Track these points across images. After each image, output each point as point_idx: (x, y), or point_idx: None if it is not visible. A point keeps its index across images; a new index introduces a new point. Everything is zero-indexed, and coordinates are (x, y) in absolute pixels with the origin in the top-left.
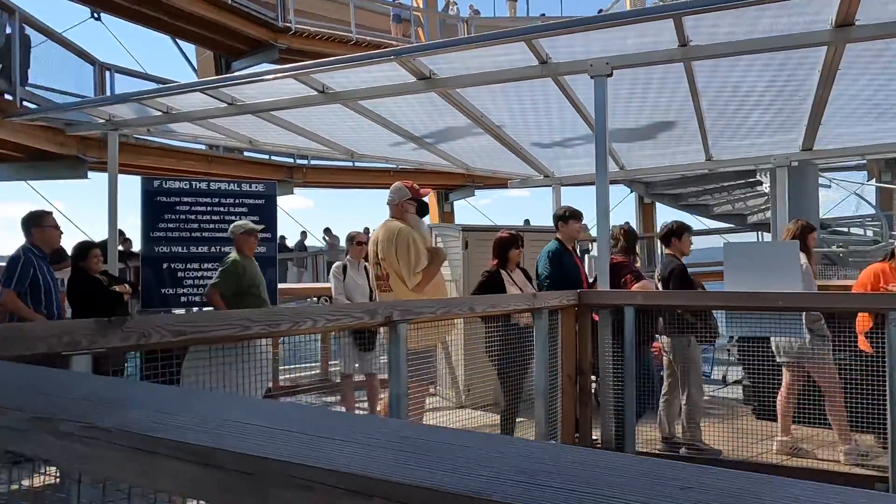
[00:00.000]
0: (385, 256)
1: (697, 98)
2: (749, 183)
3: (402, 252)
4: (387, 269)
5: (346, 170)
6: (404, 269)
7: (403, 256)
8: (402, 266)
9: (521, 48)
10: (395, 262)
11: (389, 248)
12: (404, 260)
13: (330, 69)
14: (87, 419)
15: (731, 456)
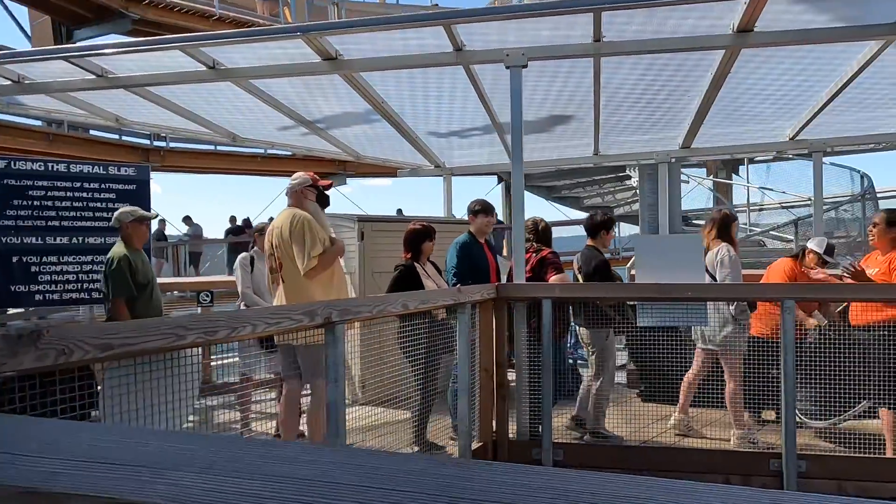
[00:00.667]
0: (279, 243)
1: (599, 93)
2: (619, 177)
3: (297, 236)
4: (280, 257)
5: (209, 154)
6: (298, 253)
7: (298, 240)
8: (296, 250)
9: (435, 33)
10: (289, 247)
11: (284, 234)
12: (298, 244)
13: (224, 43)
14: None
15: (634, 440)
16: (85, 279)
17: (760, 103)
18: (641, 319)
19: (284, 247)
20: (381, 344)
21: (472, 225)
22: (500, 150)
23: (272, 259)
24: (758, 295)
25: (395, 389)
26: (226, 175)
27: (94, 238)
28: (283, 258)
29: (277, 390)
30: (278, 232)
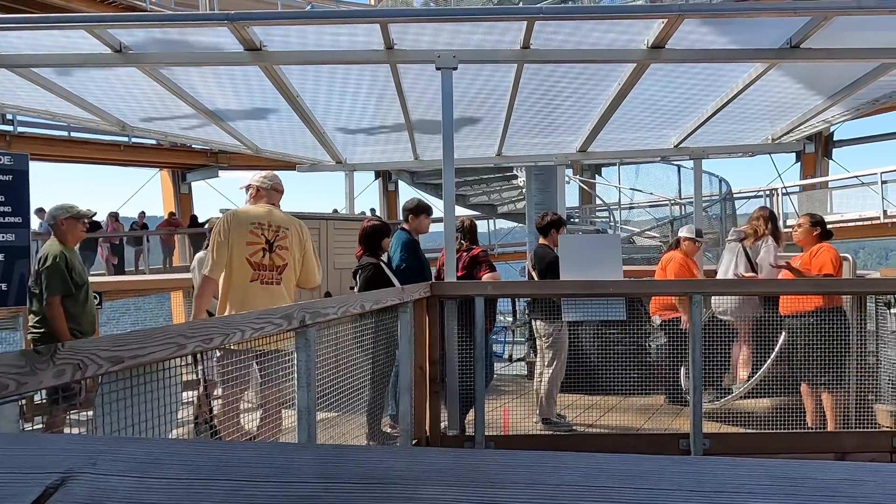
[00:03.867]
0: (289, 247)
1: (515, 97)
2: (506, 177)
3: (313, 250)
4: (287, 259)
5: (63, 140)
6: (316, 266)
7: (315, 254)
8: (314, 263)
9: (368, 31)
10: (300, 256)
11: (300, 243)
12: (315, 257)
13: (134, 25)
14: None
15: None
16: None
17: (653, 114)
18: (566, 314)
19: (298, 251)
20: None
21: (411, 224)
22: (404, 148)
23: (262, 255)
24: (671, 290)
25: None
26: (83, 164)
27: None
28: (290, 260)
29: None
30: (290, 233)
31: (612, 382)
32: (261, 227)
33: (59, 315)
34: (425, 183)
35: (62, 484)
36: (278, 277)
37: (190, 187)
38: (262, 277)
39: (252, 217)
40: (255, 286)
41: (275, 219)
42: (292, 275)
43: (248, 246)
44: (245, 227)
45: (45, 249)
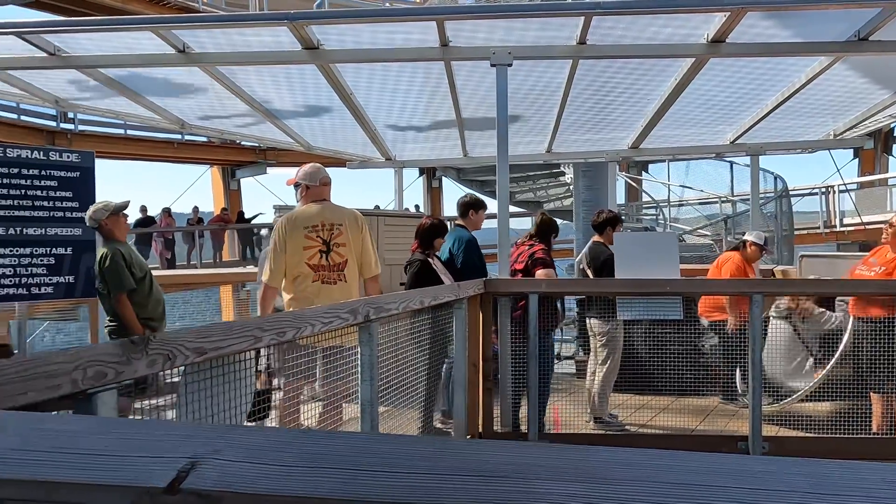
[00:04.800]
0: (346, 242)
1: (567, 94)
2: (553, 174)
3: (370, 239)
4: (346, 255)
5: (120, 138)
6: (374, 256)
7: (371, 243)
8: (371, 253)
9: (423, 29)
10: (359, 250)
11: (356, 232)
12: (371, 246)
13: (198, 26)
14: None
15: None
16: (24, 273)
17: (708, 109)
18: (622, 313)
19: (354, 246)
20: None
21: (467, 220)
22: (453, 145)
23: (324, 256)
24: (730, 290)
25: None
26: (138, 161)
27: (33, 229)
28: (349, 255)
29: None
30: (345, 228)
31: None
32: (315, 230)
33: (128, 310)
34: (472, 179)
35: (192, 468)
36: (340, 275)
37: (239, 184)
38: (323, 278)
39: (305, 220)
40: (318, 286)
41: (328, 216)
42: (355, 268)
43: (305, 251)
44: (300, 232)
45: (101, 250)
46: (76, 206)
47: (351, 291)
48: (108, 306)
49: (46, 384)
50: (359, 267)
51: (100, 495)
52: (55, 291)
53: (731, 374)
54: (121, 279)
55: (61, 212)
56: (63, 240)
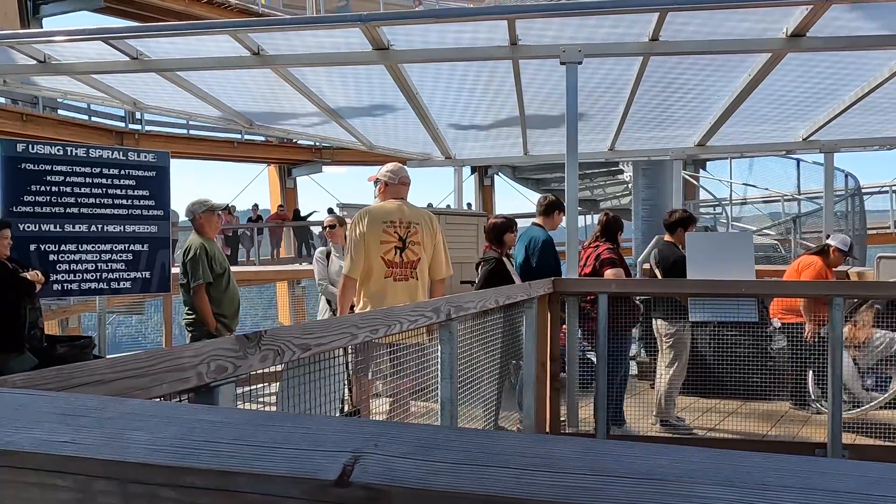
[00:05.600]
0: (421, 241)
1: (635, 91)
2: (611, 172)
3: (443, 240)
4: (420, 254)
5: (183, 138)
6: (446, 258)
7: (444, 245)
8: (444, 255)
9: (491, 27)
10: (431, 248)
11: (430, 233)
12: (444, 248)
13: (274, 29)
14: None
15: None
16: (104, 269)
17: (780, 105)
18: (694, 314)
19: (429, 245)
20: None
21: (549, 219)
22: (513, 143)
23: (398, 252)
24: (807, 292)
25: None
26: (200, 160)
27: (113, 226)
28: (423, 254)
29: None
30: (421, 227)
31: (731, 385)
32: (393, 225)
33: (203, 302)
34: (527, 178)
35: (356, 462)
36: (412, 272)
37: (295, 182)
38: (395, 274)
39: (384, 215)
40: (389, 283)
41: (406, 215)
42: (426, 268)
43: (381, 244)
44: (378, 226)
45: (188, 243)
46: (152, 204)
47: (419, 290)
48: (187, 297)
49: (177, 377)
50: (429, 267)
51: (273, 486)
52: (132, 286)
53: (803, 378)
54: (200, 271)
55: (138, 210)
56: (140, 237)
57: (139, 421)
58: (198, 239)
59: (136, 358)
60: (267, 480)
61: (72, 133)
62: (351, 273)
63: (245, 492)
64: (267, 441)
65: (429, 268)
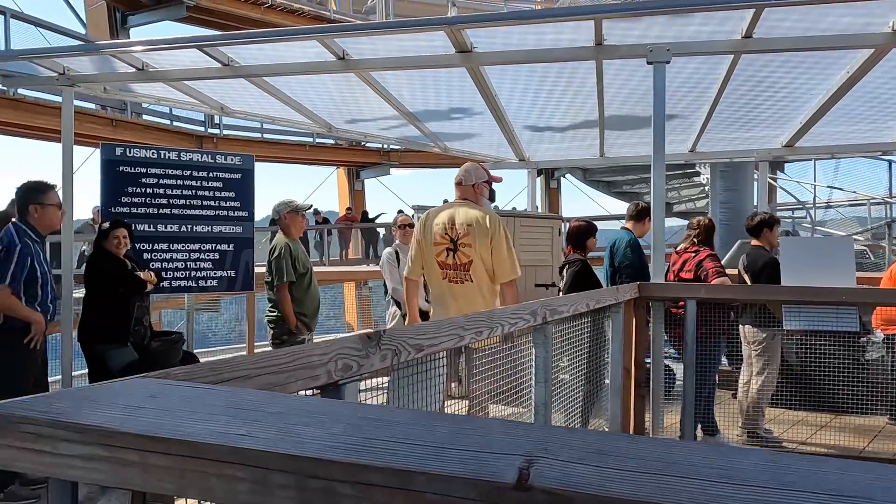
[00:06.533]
0: (472, 243)
1: (722, 91)
2: (686, 174)
3: (504, 242)
4: (471, 255)
5: (257, 141)
6: (507, 261)
7: (507, 246)
8: (504, 257)
9: (575, 28)
10: (488, 252)
11: (483, 234)
12: (509, 251)
13: (361, 34)
14: None
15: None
16: (193, 268)
17: (881, 104)
18: (789, 322)
19: (482, 247)
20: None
21: (640, 225)
22: (589, 145)
23: (450, 254)
24: None
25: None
26: (273, 163)
27: (201, 227)
28: (475, 256)
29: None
30: (472, 229)
31: (822, 397)
32: (445, 227)
33: (286, 300)
34: (598, 180)
35: (531, 466)
36: (465, 275)
37: (363, 184)
38: (450, 276)
39: (439, 217)
40: (446, 285)
41: (461, 216)
42: (481, 269)
43: (435, 246)
44: (432, 229)
45: (274, 242)
46: (238, 205)
47: (476, 293)
48: (271, 294)
49: (308, 374)
50: (490, 270)
51: (451, 487)
52: (219, 284)
53: None
54: (284, 271)
55: (225, 211)
56: (226, 237)
57: (305, 416)
58: (283, 239)
59: (273, 355)
60: (445, 481)
61: (156, 137)
62: (409, 274)
63: (423, 491)
64: (436, 441)
65: (493, 270)
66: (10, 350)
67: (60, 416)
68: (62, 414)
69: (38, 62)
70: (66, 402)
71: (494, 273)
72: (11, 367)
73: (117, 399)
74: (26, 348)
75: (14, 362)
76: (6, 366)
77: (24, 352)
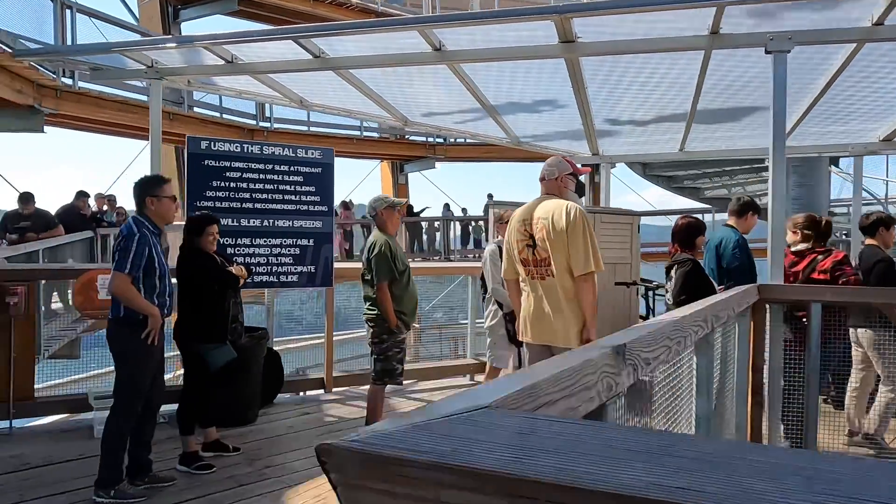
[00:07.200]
0: (548, 237)
1: (832, 82)
2: (754, 168)
3: (580, 231)
4: (549, 250)
5: (305, 135)
6: (581, 253)
7: (581, 236)
8: (579, 249)
9: (690, 16)
10: (563, 245)
11: (559, 226)
12: (585, 243)
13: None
14: None
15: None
16: (274, 263)
17: None
18: None
19: (557, 243)
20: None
21: (742, 221)
22: (668, 139)
23: (531, 251)
24: None
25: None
26: None
27: (282, 221)
28: (553, 253)
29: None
30: (547, 222)
31: None
32: (525, 223)
33: (387, 298)
34: (658, 175)
35: None
36: (547, 270)
37: (407, 178)
38: (533, 273)
39: (521, 213)
40: (529, 281)
41: (538, 210)
42: (563, 263)
43: (517, 243)
44: (514, 226)
45: (372, 239)
46: (318, 199)
47: (558, 289)
48: (371, 292)
49: (587, 396)
50: (569, 264)
51: None
52: (299, 280)
53: None
54: (385, 268)
55: (305, 205)
56: (306, 232)
57: (747, 466)
58: (382, 236)
59: (560, 378)
60: None
61: (210, 130)
62: (504, 275)
63: None
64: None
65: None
66: (129, 344)
67: (443, 458)
68: (442, 455)
69: (129, 55)
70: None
71: (571, 266)
72: (134, 361)
73: (485, 436)
74: (144, 343)
75: (135, 357)
76: (125, 360)
77: (142, 347)
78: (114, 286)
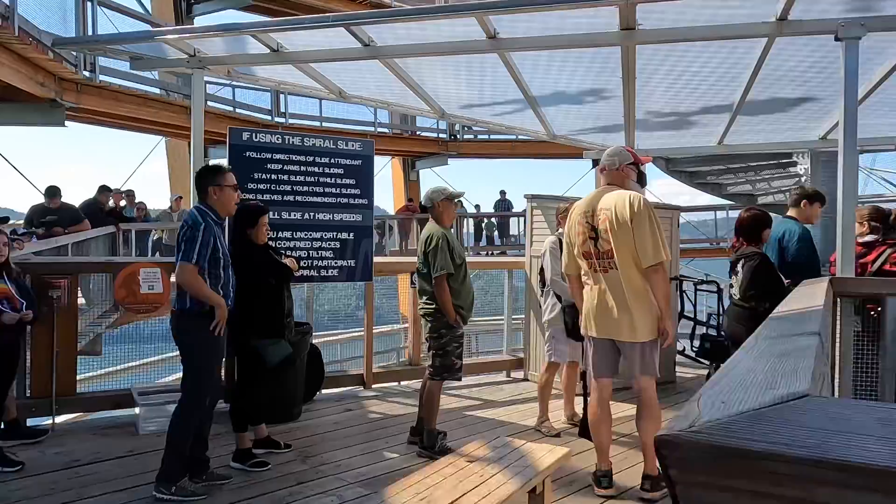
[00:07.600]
0: (611, 228)
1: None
2: (781, 164)
3: (645, 222)
4: (612, 242)
5: (317, 130)
6: (649, 243)
7: (646, 227)
8: (647, 240)
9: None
10: (629, 237)
11: (623, 218)
12: (652, 234)
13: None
14: None
15: None
16: (315, 256)
17: None
18: None
19: (622, 232)
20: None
21: (800, 212)
22: (707, 132)
23: (593, 243)
24: None
25: None
26: None
27: (323, 214)
28: (617, 244)
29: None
30: (610, 213)
31: None
32: (586, 216)
33: (445, 293)
34: (681, 170)
35: None
36: (609, 263)
37: (418, 175)
38: (594, 266)
39: (581, 206)
40: (591, 274)
41: (598, 202)
42: (627, 255)
43: (578, 237)
44: (575, 219)
45: (429, 231)
46: (358, 192)
47: (622, 281)
48: (426, 288)
49: None
50: (635, 255)
51: None
52: (339, 274)
53: None
54: (444, 261)
55: (346, 198)
56: (347, 225)
57: None
58: (438, 228)
59: None
60: None
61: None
62: (566, 271)
63: None
64: None
65: (637, 255)
66: (198, 336)
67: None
68: (810, 448)
69: (171, 44)
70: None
71: (637, 258)
72: (204, 353)
73: (840, 426)
74: (211, 335)
75: (205, 349)
76: (193, 353)
77: (210, 339)
78: (182, 277)
